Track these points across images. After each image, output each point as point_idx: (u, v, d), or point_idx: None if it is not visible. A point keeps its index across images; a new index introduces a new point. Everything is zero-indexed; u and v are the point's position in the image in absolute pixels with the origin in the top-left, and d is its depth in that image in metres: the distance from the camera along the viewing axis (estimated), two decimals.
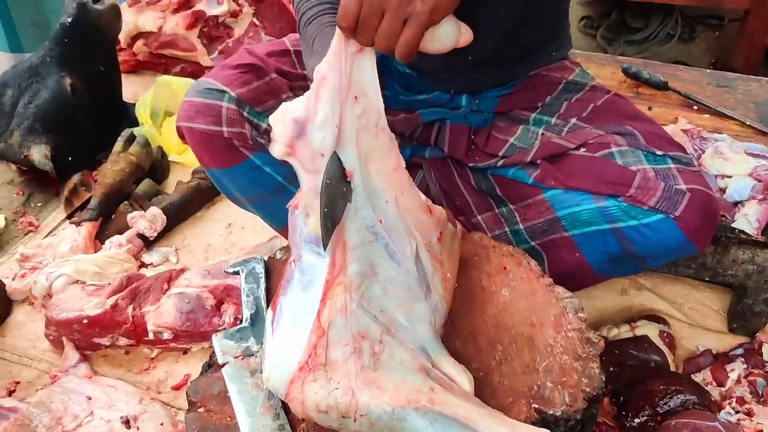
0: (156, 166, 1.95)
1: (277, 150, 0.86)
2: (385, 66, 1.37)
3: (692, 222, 1.05)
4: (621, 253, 1.13)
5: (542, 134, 1.23)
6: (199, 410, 0.98)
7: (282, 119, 0.86)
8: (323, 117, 0.84)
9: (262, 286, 1.13)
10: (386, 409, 0.83)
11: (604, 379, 0.99)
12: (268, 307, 1.09)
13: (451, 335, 1.01)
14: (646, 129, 1.17)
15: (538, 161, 1.19)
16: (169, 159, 2.02)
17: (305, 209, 0.90)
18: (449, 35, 0.83)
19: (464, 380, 0.91)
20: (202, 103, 1.17)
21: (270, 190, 1.27)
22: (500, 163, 1.24)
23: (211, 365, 1.05)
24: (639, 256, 1.12)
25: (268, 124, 1.17)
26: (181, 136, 1.21)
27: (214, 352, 1.04)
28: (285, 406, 0.96)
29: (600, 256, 1.16)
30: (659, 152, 1.12)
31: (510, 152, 1.24)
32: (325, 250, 0.86)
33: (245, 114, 1.18)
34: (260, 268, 1.16)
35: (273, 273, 1.16)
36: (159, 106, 2.07)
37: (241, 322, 1.08)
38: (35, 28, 2.26)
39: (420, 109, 1.31)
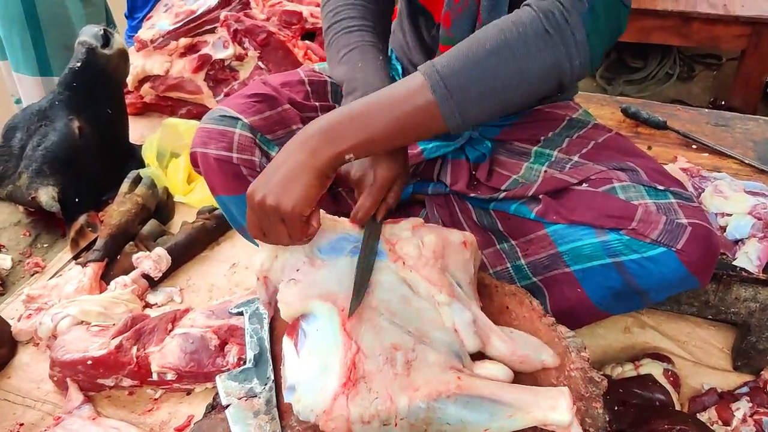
0: (161, 207, 1.97)
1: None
2: None
3: (693, 255, 1.05)
4: (623, 288, 1.13)
5: (545, 171, 1.24)
6: None
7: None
8: None
9: (266, 326, 1.13)
10: (421, 405, 0.87)
11: (607, 419, 0.98)
12: (272, 347, 1.10)
13: None
14: (647, 165, 1.18)
15: (540, 196, 1.20)
16: (174, 200, 2.03)
17: None
18: None
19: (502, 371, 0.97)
20: (216, 129, 1.21)
21: None
22: (502, 195, 1.25)
23: (215, 407, 1.05)
24: (641, 290, 1.12)
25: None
26: (195, 162, 1.24)
27: (217, 393, 1.05)
28: None
29: (602, 291, 1.16)
30: (661, 187, 1.12)
31: (512, 186, 1.25)
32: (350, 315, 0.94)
33: (257, 140, 1.22)
34: (264, 309, 1.17)
35: (276, 313, 1.17)
36: (165, 148, 2.09)
37: (244, 362, 1.08)
38: (66, 51, 2.24)
39: (422, 143, 1.33)
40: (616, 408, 1.31)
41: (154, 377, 1.42)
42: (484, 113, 0.95)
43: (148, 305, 1.69)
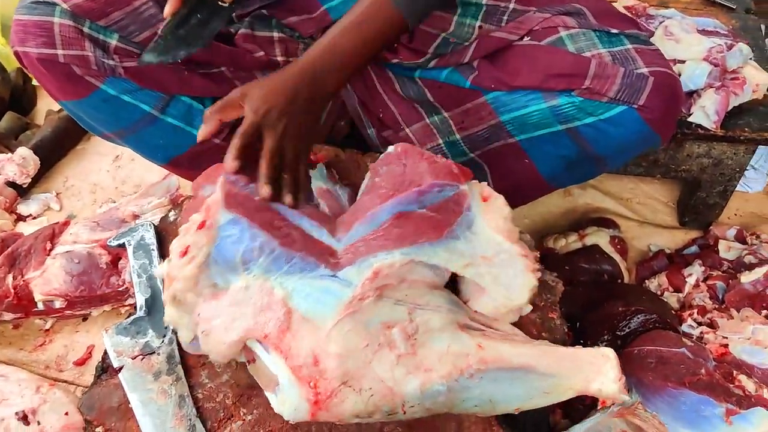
0: (18, 95, 1.75)
1: None
2: None
3: (658, 110, 0.98)
4: (577, 156, 1.06)
5: (479, 27, 1.09)
6: (97, 430, 0.82)
7: None
8: None
9: (156, 260, 0.95)
10: (440, 389, 0.77)
11: (566, 330, 0.91)
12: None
13: None
14: (594, 5, 1.07)
15: (476, 62, 1.08)
16: (33, 84, 1.81)
17: None
18: None
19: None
20: (31, 21, 1.04)
21: (137, 122, 1.14)
22: (433, 63, 1.11)
23: (105, 369, 0.89)
24: (598, 156, 1.05)
25: (118, 40, 1.06)
26: (21, 62, 1.08)
27: (106, 353, 0.88)
28: (201, 414, 0.81)
29: (553, 161, 1.09)
30: (614, 30, 1.02)
31: (443, 50, 1.10)
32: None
33: (86, 30, 1.04)
34: (151, 237, 0.99)
35: (167, 240, 0.97)
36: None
37: (135, 310, 0.90)
38: None
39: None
40: (564, 288, 1.23)
41: (40, 307, 1.28)
42: None
43: (20, 218, 1.52)
